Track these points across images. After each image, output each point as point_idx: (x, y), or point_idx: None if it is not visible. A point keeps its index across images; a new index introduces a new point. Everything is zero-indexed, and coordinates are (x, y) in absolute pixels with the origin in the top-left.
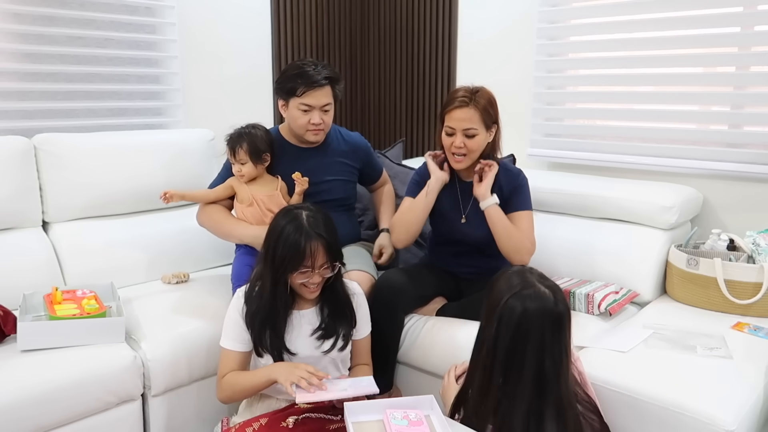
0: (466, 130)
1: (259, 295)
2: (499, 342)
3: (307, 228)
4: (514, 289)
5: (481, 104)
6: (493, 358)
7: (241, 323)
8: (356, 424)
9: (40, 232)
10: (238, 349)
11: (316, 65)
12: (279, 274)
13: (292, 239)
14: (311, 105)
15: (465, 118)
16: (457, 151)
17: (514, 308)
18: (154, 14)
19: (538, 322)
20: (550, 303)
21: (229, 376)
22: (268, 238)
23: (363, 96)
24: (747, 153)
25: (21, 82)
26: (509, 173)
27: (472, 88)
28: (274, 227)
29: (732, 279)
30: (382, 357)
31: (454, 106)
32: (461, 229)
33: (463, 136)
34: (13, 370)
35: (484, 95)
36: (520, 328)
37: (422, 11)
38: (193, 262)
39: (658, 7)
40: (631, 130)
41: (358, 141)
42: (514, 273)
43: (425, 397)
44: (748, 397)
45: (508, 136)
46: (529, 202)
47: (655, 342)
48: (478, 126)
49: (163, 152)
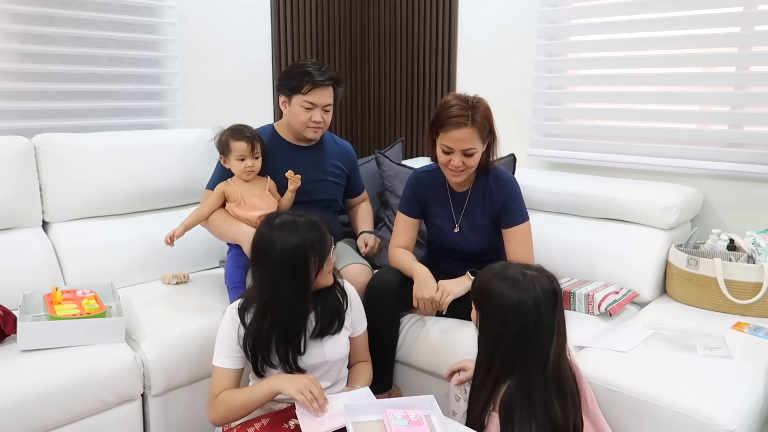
0: (465, 150)
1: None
2: (512, 334)
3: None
4: (516, 285)
5: (479, 122)
6: (506, 351)
7: (236, 340)
8: (356, 424)
9: (40, 232)
10: (233, 366)
11: (320, 66)
12: (301, 282)
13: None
14: (314, 103)
15: (464, 138)
16: (456, 169)
17: (524, 301)
18: (154, 14)
19: (545, 305)
20: (547, 283)
21: (224, 395)
22: (265, 258)
23: (363, 96)
24: (747, 153)
25: (21, 82)
26: (499, 182)
27: (467, 101)
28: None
29: (732, 279)
30: (380, 356)
31: (451, 127)
32: (455, 239)
33: (461, 155)
34: (13, 370)
35: (481, 110)
36: (530, 317)
37: (422, 11)
38: (193, 262)
39: (658, 7)
40: (631, 130)
41: (349, 148)
42: (501, 272)
43: (425, 397)
44: (748, 397)
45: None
46: (524, 211)
47: (655, 342)
48: (476, 143)
49: (163, 152)
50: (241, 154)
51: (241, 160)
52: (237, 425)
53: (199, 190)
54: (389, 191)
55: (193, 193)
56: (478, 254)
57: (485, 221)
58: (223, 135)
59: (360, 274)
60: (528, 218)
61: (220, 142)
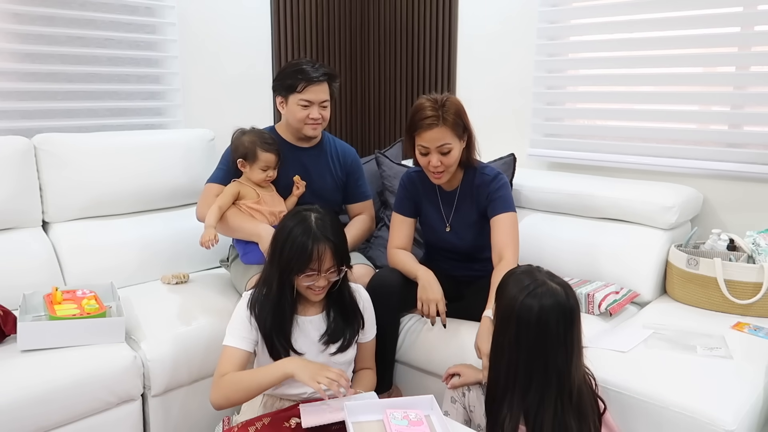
0: (440, 147)
1: (266, 298)
2: (522, 341)
3: (315, 230)
4: (528, 289)
5: (450, 119)
6: (517, 358)
7: (249, 322)
8: (356, 424)
9: (40, 232)
10: (244, 347)
11: (313, 63)
12: (285, 275)
13: (300, 241)
14: (311, 101)
15: (437, 137)
16: (435, 170)
17: (532, 307)
18: (154, 14)
19: (554, 317)
20: (563, 298)
21: (231, 375)
22: (276, 239)
23: (363, 96)
24: (747, 153)
25: (21, 82)
26: (484, 176)
27: (437, 100)
28: (282, 228)
29: (732, 279)
30: (380, 356)
31: (423, 129)
32: (448, 238)
33: (438, 154)
34: (13, 370)
35: (452, 108)
36: (539, 325)
37: (422, 11)
38: (193, 262)
39: (658, 7)
40: (631, 130)
41: (349, 151)
42: (523, 273)
43: (425, 397)
44: (748, 397)
45: (508, 136)
46: (510, 203)
47: (655, 342)
48: (451, 140)
49: (163, 152)
50: (267, 165)
51: (265, 170)
52: (239, 424)
53: (199, 190)
54: (389, 191)
55: (194, 193)
56: (473, 252)
57: (475, 217)
58: (247, 140)
59: (363, 275)
60: (514, 211)
61: (245, 147)
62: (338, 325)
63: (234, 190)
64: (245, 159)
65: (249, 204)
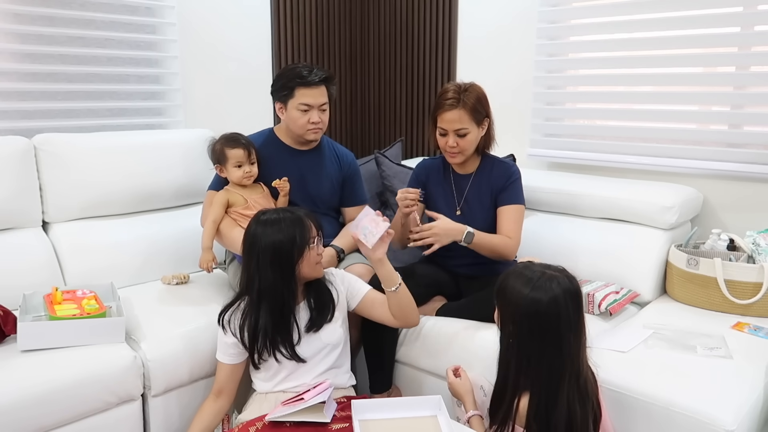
0: (457, 130)
1: (257, 306)
2: (535, 332)
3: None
4: (531, 282)
5: (470, 104)
6: (530, 350)
7: (227, 338)
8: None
9: (40, 232)
10: (232, 362)
11: (310, 68)
12: (286, 271)
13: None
14: (309, 104)
15: (455, 119)
16: (451, 150)
17: (540, 298)
18: (154, 14)
19: (564, 303)
20: (567, 283)
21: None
22: (252, 250)
23: (363, 96)
24: (747, 153)
25: (21, 82)
26: (502, 165)
27: (461, 86)
28: (253, 238)
29: (732, 279)
30: (379, 355)
31: (444, 110)
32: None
33: (455, 136)
34: (13, 370)
35: (473, 93)
36: (549, 314)
37: (422, 11)
38: (193, 262)
39: (658, 7)
40: (631, 130)
41: (347, 153)
42: (520, 270)
43: (433, 398)
44: (748, 397)
45: (508, 136)
46: (521, 196)
47: (655, 342)
48: (468, 125)
49: (163, 152)
50: (238, 161)
51: (239, 166)
52: (239, 425)
53: (199, 190)
54: (389, 191)
55: (193, 193)
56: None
57: (488, 203)
58: (216, 145)
59: (363, 275)
60: (523, 203)
61: (214, 152)
62: (319, 310)
63: (223, 199)
64: (219, 163)
65: (239, 211)
